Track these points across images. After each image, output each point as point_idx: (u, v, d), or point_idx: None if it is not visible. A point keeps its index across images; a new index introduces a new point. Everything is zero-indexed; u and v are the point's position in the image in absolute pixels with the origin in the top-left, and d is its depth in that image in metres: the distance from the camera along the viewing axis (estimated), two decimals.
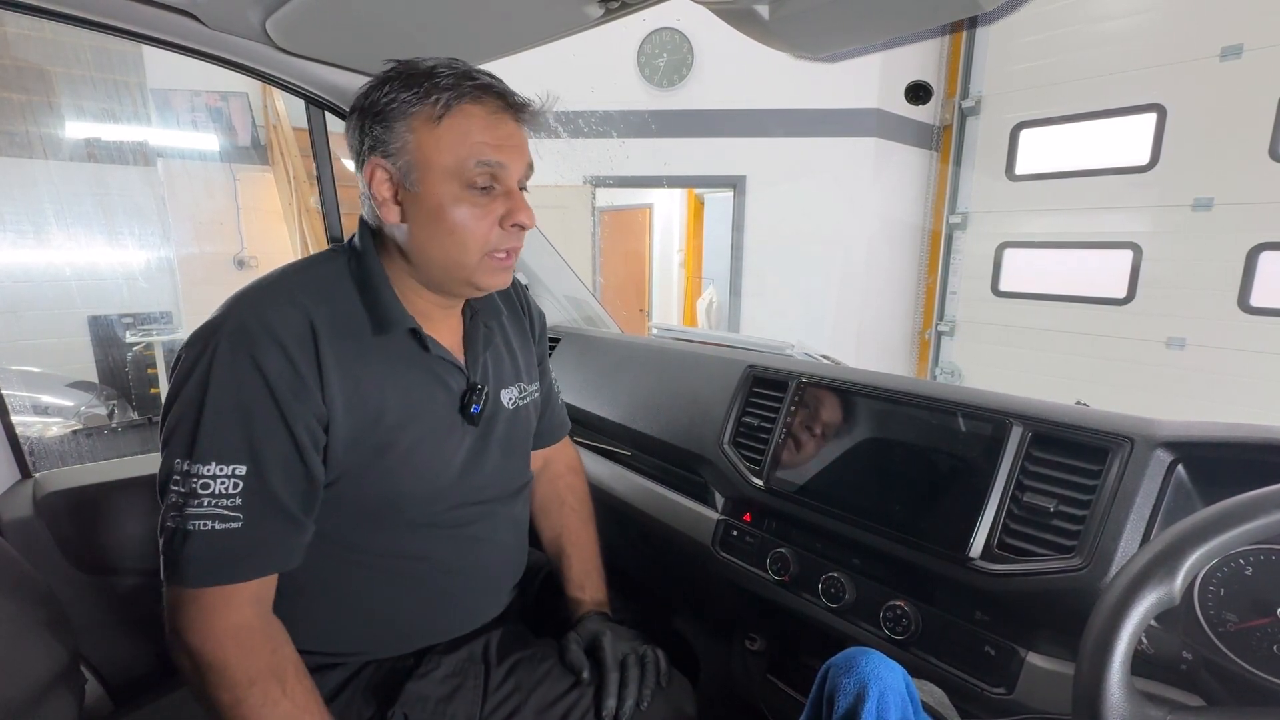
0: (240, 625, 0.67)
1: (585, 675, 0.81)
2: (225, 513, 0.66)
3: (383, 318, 0.75)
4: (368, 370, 0.74)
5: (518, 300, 0.99)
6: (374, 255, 0.78)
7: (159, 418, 0.73)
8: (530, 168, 0.78)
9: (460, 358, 0.83)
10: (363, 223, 0.80)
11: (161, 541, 0.66)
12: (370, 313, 0.75)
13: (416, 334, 0.78)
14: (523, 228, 0.76)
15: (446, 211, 0.72)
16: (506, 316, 0.94)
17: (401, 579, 0.80)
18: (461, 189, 0.72)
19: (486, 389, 0.84)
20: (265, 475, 0.67)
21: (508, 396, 0.89)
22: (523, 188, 0.78)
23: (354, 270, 0.78)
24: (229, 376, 0.66)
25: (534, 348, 1.00)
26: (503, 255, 0.77)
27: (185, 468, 0.66)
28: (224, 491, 0.66)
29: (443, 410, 0.80)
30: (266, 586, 0.71)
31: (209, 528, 0.65)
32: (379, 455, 0.74)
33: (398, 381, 0.76)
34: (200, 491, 0.65)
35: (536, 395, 0.97)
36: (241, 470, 0.66)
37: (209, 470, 0.66)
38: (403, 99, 0.71)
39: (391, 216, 0.74)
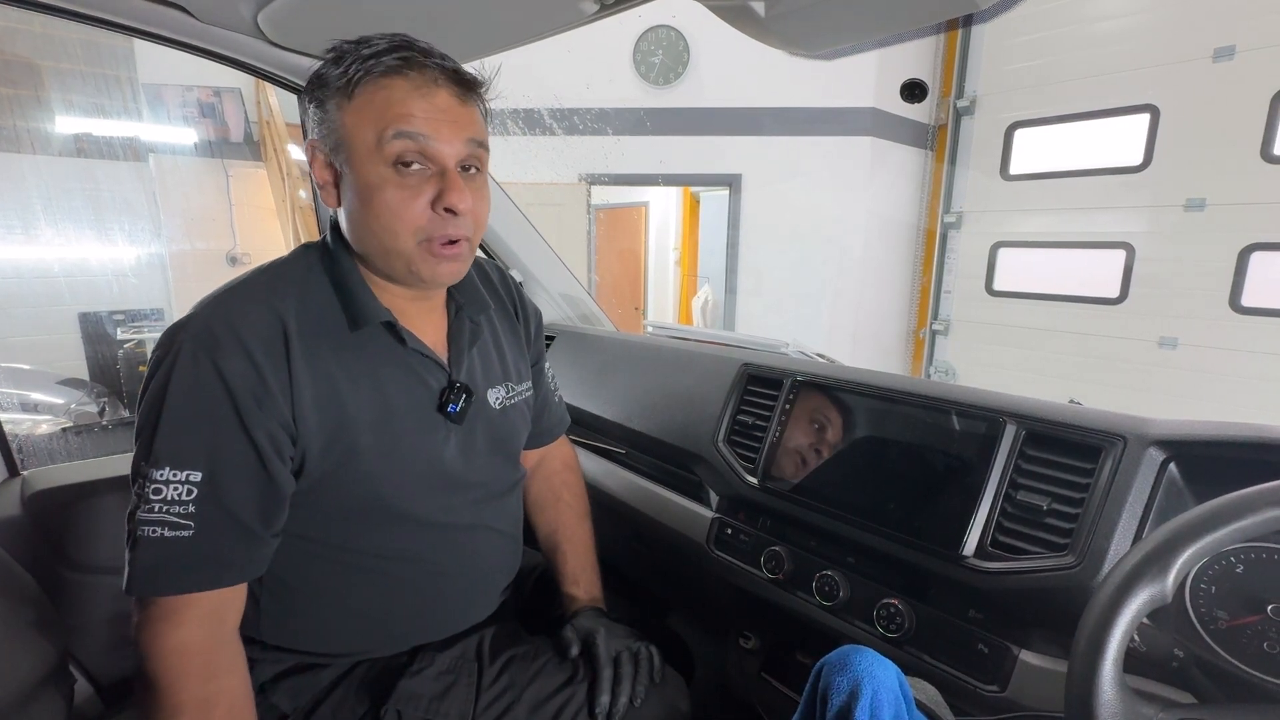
0: (181, 646, 0.64)
1: (574, 652, 0.81)
2: (176, 519, 0.63)
3: (357, 313, 0.72)
4: (342, 368, 0.72)
5: (509, 298, 0.95)
6: (344, 250, 0.75)
7: None
8: (478, 144, 0.71)
9: (443, 354, 0.81)
10: (333, 217, 0.78)
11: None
12: (345, 309, 0.73)
13: (392, 328, 0.75)
14: (453, 211, 0.69)
15: (373, 193, 0.67)
16: (496, 312, 0.90)
17: (392, 580, 0.79)
18: (386, 167, 0.67)
19: (468, 387, 0.80)
20: (221, 483, 0.65)
21: (495, 396, 0.86)
22: (471, 168, 0.72)
23: (327, 266, 0.75)
24: (189, 380, 0.64)
25: (528, 347, 0.97)
26: (445, 243, 0.70)
27: (144, 470, 0.64)
28: (176, 498, 0.63)
29: (422, 408, 0.77)
30: (224, 605, 0.67)
31: (158, 535, 0.62)
32: (358, 454, 0.72)
33: (374, 378, 0.74)
34: (152, 496, 0.63)
35: (528, 394, 0.94)
36: (196, 476, 0.63)
37: (162, 475, 0.63)
38: (327, 75, 0.69)
39: (330, 201, 0.72)
